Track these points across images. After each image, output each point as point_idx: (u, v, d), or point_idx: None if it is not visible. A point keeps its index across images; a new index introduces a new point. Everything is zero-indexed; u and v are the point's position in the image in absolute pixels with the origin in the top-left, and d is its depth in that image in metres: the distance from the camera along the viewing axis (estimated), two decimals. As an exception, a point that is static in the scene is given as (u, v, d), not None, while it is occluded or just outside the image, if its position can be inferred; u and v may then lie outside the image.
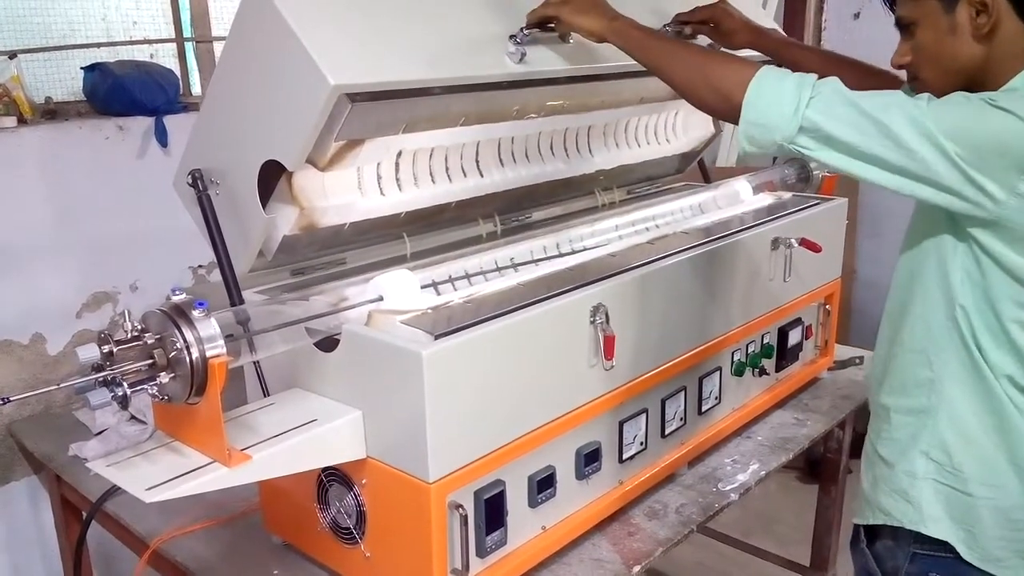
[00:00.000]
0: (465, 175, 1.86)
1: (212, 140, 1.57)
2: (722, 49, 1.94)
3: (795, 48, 1.88)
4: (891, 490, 1.43)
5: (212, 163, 1.54)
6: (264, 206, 1.51)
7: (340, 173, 1.57)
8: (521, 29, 1.59)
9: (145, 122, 2.43)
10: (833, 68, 1.77)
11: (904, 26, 1.36)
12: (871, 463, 1.49)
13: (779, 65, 2.01)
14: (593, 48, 1.67)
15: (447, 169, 1.83)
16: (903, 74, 1.49)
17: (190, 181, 1.53)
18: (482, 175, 1.89)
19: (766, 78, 1.32)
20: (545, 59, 1.64)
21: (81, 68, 2.45)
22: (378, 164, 1.69)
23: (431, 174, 1.80)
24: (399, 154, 1.72)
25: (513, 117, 1.74)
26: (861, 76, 1.75)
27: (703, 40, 1.97)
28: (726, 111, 1.36)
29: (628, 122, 2.27)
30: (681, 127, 2.46)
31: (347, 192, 1.64)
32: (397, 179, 1.74)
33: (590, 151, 2.16)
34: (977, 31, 1.27)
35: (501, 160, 1.95)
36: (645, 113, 2.27)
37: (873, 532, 1.50)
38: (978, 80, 1.30)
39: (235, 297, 1.50)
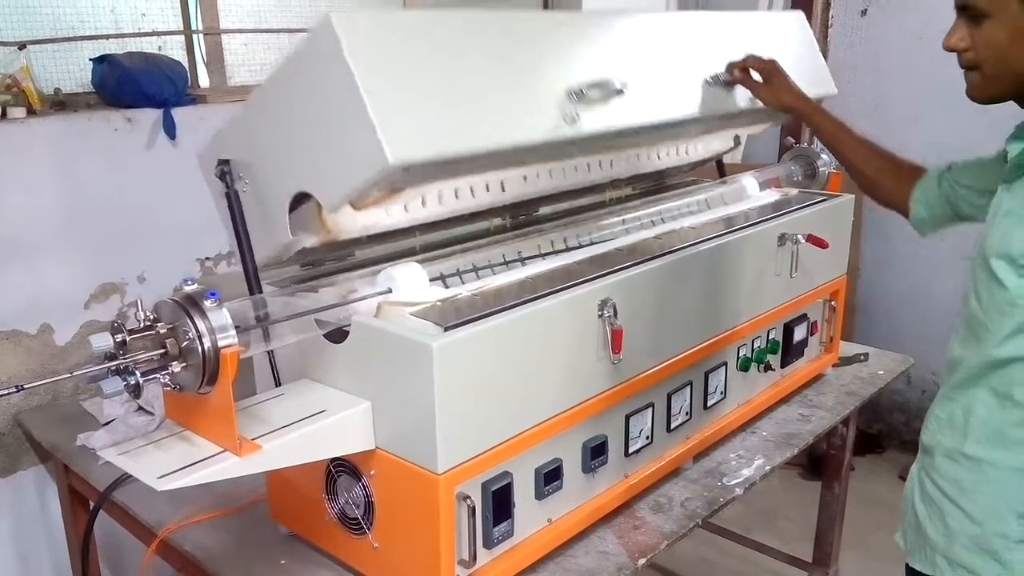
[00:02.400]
0: (488, 190, 1.85)
1: (250, 139, 1.52)
2: (762, 106, 1.96)
3: (828, 119, 1.86)
4: (978, 548, 1.34)
5: (244, 158, 1.51)
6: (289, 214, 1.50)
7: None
8: (581, 89, 1.56)
9: (154, 114, 2.43)
10: (861, 150, 1.77)
11: (970, 13, 1.29)
12: (941, 511, 1.39)
13: (812, 132, 1.99)
14: (642, 102, 1.69)
15: (471, 187, 1.81)
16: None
17: (218, 173, 1.51)
18: (504, 189, 1.88)
19: None
20: (598, 117, 1.61)
21: (90, 59, 2.45)
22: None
23: (456, 192, 1.78)
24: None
25: (553, 161, 1.75)
26: (886, 164, 1.74)
27: (744, 93, 1.97)
28: None
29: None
30: (703, 143, 2.45)
31: (374, 216, 1.62)
32: (422, 197, 1.73)
33: (611, 165, 2.15)
34: None
35: (524, 177, 1.93)
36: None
37: None
38: None
39: (255, 289, 1.50)
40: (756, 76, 1.92)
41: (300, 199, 1.45)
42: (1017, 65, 1.27)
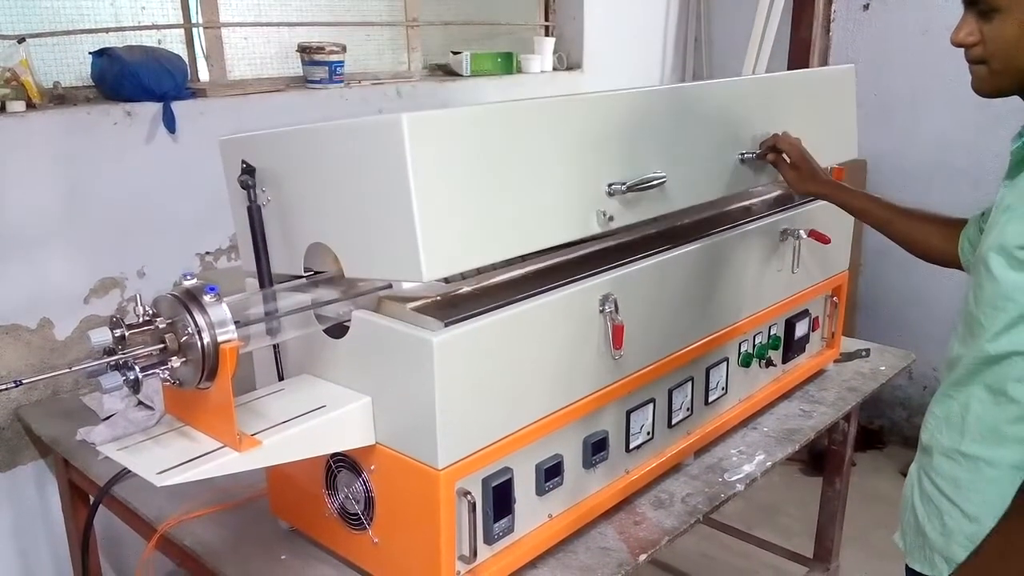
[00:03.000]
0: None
1: (284, 164, 1.45)
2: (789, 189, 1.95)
3: (857, 199, 1.83)
4: (975, 547, 1.33)
5: (272, 174, 1.46)
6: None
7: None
8: (622, 188, 1.53)
9: (153, 108, 2.42)
10: (901, 219, 1.71)
11: (980, 8, 1.28)
12: (940, 510, 1.39)
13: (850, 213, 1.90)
14: (676, 190, 1.67)
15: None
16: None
17: (242, 181, 1.46)
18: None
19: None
20: (631, 212, 1.59)
21: (89, 53, 2.44)
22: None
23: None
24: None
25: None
26: (929, 225, 1.68)
27: (770, 170, 1.94)
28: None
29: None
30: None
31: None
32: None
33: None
34: None
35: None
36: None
37: None
38: None
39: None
40: (786, 156, 1.89)
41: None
42: None
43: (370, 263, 1.35)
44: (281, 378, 1.53)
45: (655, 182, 1.58)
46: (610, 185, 1.53)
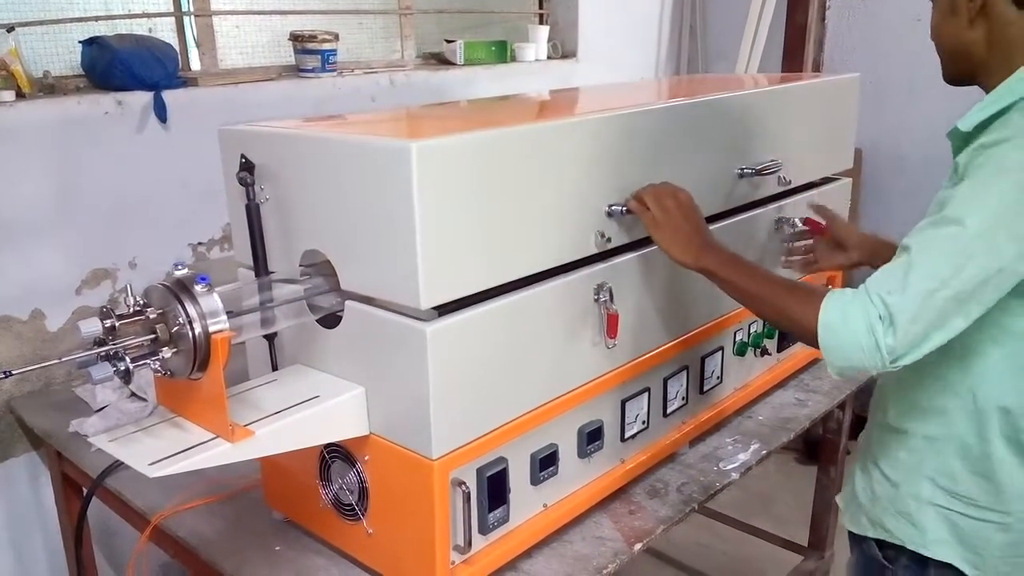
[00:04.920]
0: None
1: (285, 166, 1.42)
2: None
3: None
4: (896, 511, 1.44)
5: (272, 173, 1.43)
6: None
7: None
8: (621, 211, 1.53)
9: (144, 97, 2.40)
10: None
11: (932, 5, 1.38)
12: (870, 477, 1.50)
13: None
14: None
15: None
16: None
17: (240, 178, 1.43)
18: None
19: (831, 324, 1.22)
20: (628, 232, 1.58)
21: (79, 42, 2.42)
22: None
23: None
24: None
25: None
26: None
27: (767, 184, 1.94)
28: (812, 345, 1.27)
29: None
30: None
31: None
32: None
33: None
34: (969, 13, 1.28)
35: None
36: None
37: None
38: (981, 68, 1.31)
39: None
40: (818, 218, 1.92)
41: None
42: (950, 44, 1.34)
43: (366, 281, 1.34)
44: (275, 368, 1.52)
45: None
46: (610, 206, 1.53)
